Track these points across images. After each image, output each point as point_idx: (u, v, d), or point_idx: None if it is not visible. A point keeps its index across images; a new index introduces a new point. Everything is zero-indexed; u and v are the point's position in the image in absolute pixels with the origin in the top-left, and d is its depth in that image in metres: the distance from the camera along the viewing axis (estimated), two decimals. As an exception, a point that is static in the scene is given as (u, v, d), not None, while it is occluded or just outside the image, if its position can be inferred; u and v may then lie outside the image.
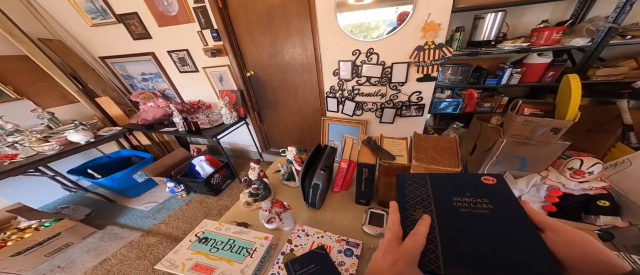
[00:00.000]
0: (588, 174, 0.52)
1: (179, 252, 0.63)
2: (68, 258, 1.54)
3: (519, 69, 1.42)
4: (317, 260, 0.58)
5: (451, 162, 0.59)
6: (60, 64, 1.96)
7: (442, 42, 1.21)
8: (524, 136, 1.15)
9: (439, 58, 1.23)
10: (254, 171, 0.91)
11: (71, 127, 1.78)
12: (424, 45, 1.23)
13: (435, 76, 1.33)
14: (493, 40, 1.36)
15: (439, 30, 1.17)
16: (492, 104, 1.76)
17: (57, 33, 1.97)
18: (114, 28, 1.84)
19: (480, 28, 1.35)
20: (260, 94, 2.12)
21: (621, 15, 1.01)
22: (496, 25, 1.30)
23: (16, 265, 1.38)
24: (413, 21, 1.21)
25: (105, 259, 1.51)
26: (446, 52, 1.20)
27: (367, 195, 0.83)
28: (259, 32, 1.70)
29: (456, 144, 0.65)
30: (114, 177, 1.87)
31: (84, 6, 1.77)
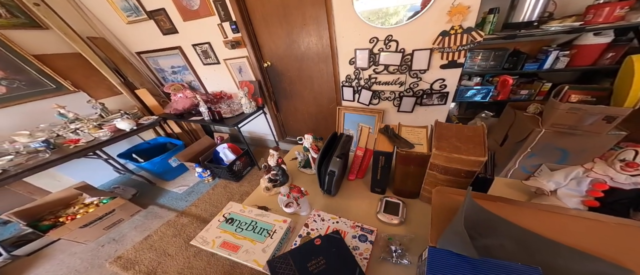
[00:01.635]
0: None
1: (209, 230, 0.71)
2: (120, 232, 1.76)
3: (568, 52, 1.23)
4: (325, 252, 0.59)
5: (477, 151, 0.56)
6: (105, 60, 2.19)
7: (471, 26, 1.09)
8: (567, 125, 1.02)
9: (467, 43, 1.11)
10: (273, 158, 0.95)
11: (118, 116, 2.02)
12: (450, 29, 1.12)
13: (461, 62, 1.21)
14: (536, 21, 1.18)
15: (468, 13, 1.05)
16: (531, 91, 1.57)
17: (100, 31, 2.20)
18: (146, 24, 1.99)
19: (520, 8, 1.18)
20: (277, 84, 2.16)
21: None
22: (541, 3, 1.13)
23: (84, 235, 1.63)
24: (438, 5, 1.11)
25: (149, 235, 1.69)
26: (476, 36, 1.08)
27: (382, 183, 0.83)
28: (275, 23, 1.71)
29: (483, 132, 0.61)
30: (154, 161, 2.11)
31: (119, 5, 1.93)
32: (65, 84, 2.01)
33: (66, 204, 1.76)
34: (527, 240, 0.42)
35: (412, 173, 0.73)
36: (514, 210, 0.50)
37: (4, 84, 1.74)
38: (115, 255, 1.57)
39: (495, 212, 0.49)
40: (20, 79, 1.79)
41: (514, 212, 0.49)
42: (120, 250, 1.61)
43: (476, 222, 0.47)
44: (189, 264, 1.45)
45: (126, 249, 1.60)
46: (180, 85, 2.24)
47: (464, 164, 0.57)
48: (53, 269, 1.54)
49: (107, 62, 2.20)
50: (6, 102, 1.76)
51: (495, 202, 0.53)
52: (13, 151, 1.58)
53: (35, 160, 1.51)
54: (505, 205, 0.51)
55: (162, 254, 1.54)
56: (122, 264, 1.49)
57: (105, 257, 1.57)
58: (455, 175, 0.62)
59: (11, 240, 1.63)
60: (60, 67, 1.97)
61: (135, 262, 1.49)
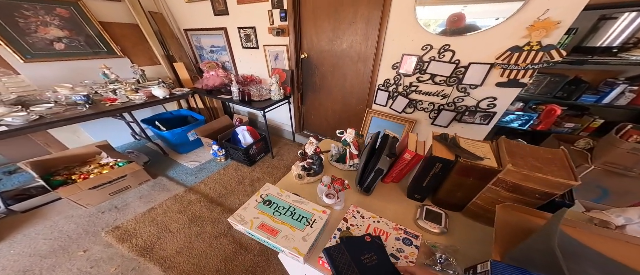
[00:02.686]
0: None
1: (247, 209, 0.68)
2: (124, 200, 1.68)
3: (637, 88, 1.14)
4: (376, 251, 0.56)
5: (565, 174, 0.51)
6: (157, 33, 2.33)
7: (553, 44, 0.99)
8: (623, 166, 0.94)
9: (540, 62, 1.03)
10: (312, 146, 0.93)
11: (155, 83, 2.09)
12: (524, 45, 1.04)
13: (524, 82, 1.12)
14: (617, 48, 1.09)
15: (556, 29, 0.95)
16: (578, 125, 1.48)
17: (161, 7, 2.35)
18: (203, 5, 2.09)
19: (605, 31, 1.09)
20: (308, 76, 2.15)
21: None
22: (632, 28, 1.03)
23: (88, 198, 1.55)
24: (518, 18, 1.02)
25: (153, 207, 1.61)
26: (555, 55, 0.98)
27: (425, 191, 0.78)
28: (323, 16, 1.70)
29: (567, 156, 0.56)
30: (175, 131, 2.13)
31: None
32: (116, 49, 2.15)
33: (83, 161, 1.73)
34: (617, 270, 0.38)
35: (467, 185, 0.68)
36: (596, 238, 0.45)
37: (65, 42, 1.88)
38: (114, 224, 1.48)
39: (589, 242, 0.44)
40: (80, 40, 1.95)
41: (595, 241, 0.45)
42: (120, 219, 1.53)
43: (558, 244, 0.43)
44: (190, 243, 1.38)
45: (127, 219, 1.52)
46: (216, 64, 2.29)
47: (547, 185, 0.52)
48: (44, 232, 1.44)
49: (158, 35, 2.33)
50: (61, 57, 1.88)
51: (575, 228, 0.48)
52: (53, 101, 1.63)
53: (73, 112, 1.55)
54: (586, 232, 0.46)
55: (163, 230, 1.46)
56: (119, 235, 1.41)
57: (102, 225, 1.48)
58: (526, 196, 0.57)
59: (13, 193, 1.53)
60: (116, 34, 2.13)
61: (133, 235, 1.41)
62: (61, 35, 1.85)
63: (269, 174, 2.11)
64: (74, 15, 1.88)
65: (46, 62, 1.82)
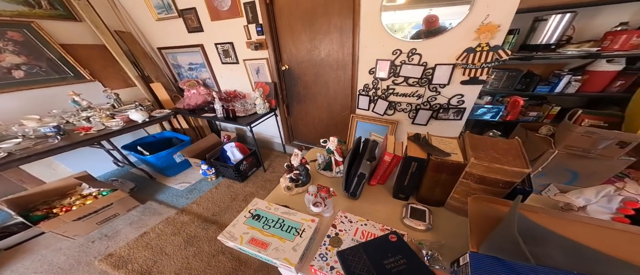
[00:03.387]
0: None
1: (236, 225, 0.69)
2: (114, 228, 1.66)
3: (580, 77, 1.30)
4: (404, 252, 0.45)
5: (519, 163, 0.57)
6: (127, 53, 2.25)
7: (499, 44, 1.14)
8: (581, 148, 1.05)
9: (491, 60, 1.16)
10: (297, 157, 0.96)
11: (132, 107, 2.01)
12: (476, 47, 1.17)
13: (483, 79, 1.26)
14: (553, 44, 1.25)
15: (497, 31, 1.10)
16: (540, 113, 1.63)
17: (128, 26, 2.27)
18: (174, 22, 2.06)
19: (540, 30, 1.25)
20: (291, 87, 2.20)
21: None
22: (561, 27, 1.20)
23: (74, 229, 1.53)
24: (466, 22, 1.16)
25: (145, 232, 1.60)
26: (502, 54, 1.12)
27: (408, 190, 0.83)
28: (299, 28, 1.76)
29: (519, 145, 0.63)
30: (159, 155, 2.07)
31: (153, 2, 2.01)
32: (83, 73, 2.04)
33: (62, 193, 1.67)
34: (579, 251, 0.43)
35: (442, 181, 0.74)
36: (556, 221, 0.50)
37: (24, 68, 1.75)
38: (106, 252, 1.47)
39: (547, 224, 0.49)
40: (41, 66, 1.82)
41: (557, 224, 0.49)
42: (112, 247, 1.51)
43: (520, 230, 0.47)
44: (187, 264, 1.37)
45: (119, 246, 1.51)
46: (196, 81, 2.27)
47: (506, 174, 0.58)
48: (33, 266, 1.41)
49: (128, 55, 2.25)
50: (21, 86, 1.76)
51: (536, 213, 0.53)
52: (21, 135, 1.54)
53: (44, 145, 1.47)
54: (547, 216, 0.52)
55: (158, 253, 1.46)
56: (113, 262, 1.39)
57: (94, 254, 1.47)
58: (492, 185, 0.63)
59: (-7, 231, 1.47)
60: (81, 57, 2.02)
61: (128, 261, 1.40)
62: (18, 62, 1.71)
63: (262, 187, 2.10)
64: (29, 38, 1.73)
65: (6, 93, 1.70)
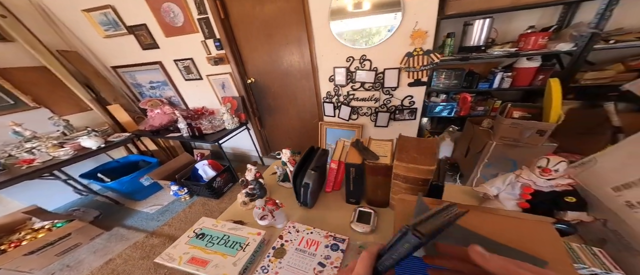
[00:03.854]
0: (554, 172, 0.56)
1: (177, 247, 0.69)
2: (76, 258, 1.61)
3: (510, 73, 1.46)
4: None
5: (428, 161, 0.63)
6: (76, 74, 2.09)
7: (430, 49, 1.26)
8: (512, 138, 1.18)
9: (427, 64, 1.28)
10: (250, 172, 0.97)
11: (84, 133, 1.90)
12: (413, 51, 1.29)
13: (425, 81, 1.38)
14: (483, 46, 1.40)
15: (426, 37, 1.23)
16: (486, 107, 1.79)
17: (73, 44, 2.12)
18: (125, 39, 1.98)
19: (470, 34, 1.40)
20: (260, 99, 2.21)
21: (602, 21, 1.04)
22: (485, 31, 1.35)
23: (29, 264, 1.46)
24: (402, 28, 1.27)
25: (111, 259, 1.57)
26: (434, 57, 1.25)
27: (356, 194, 0.87)
28: (258, 41, 1.80)
29: (436, 144, 0.70)
30: (122, 180, 1.96)
31: (98, 18, 1.91)
32: (24, 100, 1.87)
33: (10, 229, 1.56)
34: (469, 239, 0.49)
35: (380, 183, 0.79)
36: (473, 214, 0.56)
37: None
38: None
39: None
40: None
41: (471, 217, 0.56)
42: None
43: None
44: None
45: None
46: (159, 101, 2.19)
47: (420, 172, 0.64)
48: None
49: (77, 76, 2.11)
50: None
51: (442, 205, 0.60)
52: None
53: (-21, 183, 1.35)
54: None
55: None
56: None
57: None
58: (414, 184, 0.69)
59: None
60: (20, 81, 1.84)
61: None
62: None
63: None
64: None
65: None
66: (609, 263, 0.46)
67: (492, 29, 1.37)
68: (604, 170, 0.58)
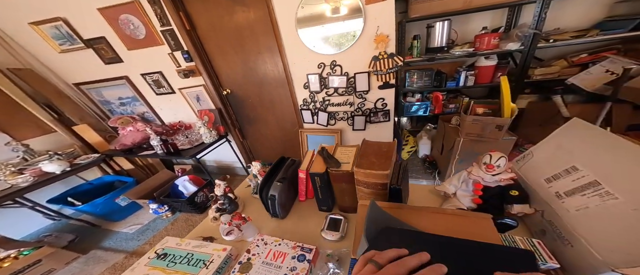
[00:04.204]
0: (497, 167, 0.60)
1: (135, 269, 0.66)
2: None
3: (472, 72, 1.54)
4: None
5: (382, 166, 0.65)
6: (33, 94, 1.94)
7: (393, 52, 1.31)
8: (476, 134, 1.24)
9: (393, 66, 1.33)
10: (219, 187, 0.95)
11: (45, 158, 1.77)
12: (379, 55, 1.33)
13: (393, 83, 1.42)
14: (445, 46, 1.48)
15: (388, 41, 1.27)
16: (456, 105, 1.87)
17: (26, 61, 1.95)
18: (84, 53, 1.86)
19: (433, 35, 1.47)
20: (239, 110, 2.18)
21: (539, 22, 1.14)
22: (445, 32, 1.43)
23: None
24: (366, 34, 1.31)
25: None
26: (397, 60, 1.30)
27: (326, 202, 0.88)
28: (230, 52, 1.78)
29: (394, 147, 0.72)
30: (95, 203, 1.87)
31: (50, 32, 1.77)
32: None
33: None
34: (418, 239, 0.51)
35: (346, 190, 0.80)
36: (413, 213, 0.59)
37: None
38: None
39: (402, 217, 0.57)
40: None
41: (414, 215, 0.58)
42: None
43: (381, 226, 0.55)
44: None
45: None
46: (130, 118, 2.10)
47: (376, 177, 0.66)
48: None
49: (36, 96, 1.96)
50: None
51: (402, 209, 0.62)
52: None
53: None
54: (406, 210, 0.60)
55: None
56: None
57: None
58: (375, 188, 0.70)
59: None
60: None
61: None
62: None
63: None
64: None
65: None
66: (546, 253, 0.49)
67: (452, 31, 1.45)
68: (538, 163, 0.63)
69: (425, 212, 0.59)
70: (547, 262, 0.48)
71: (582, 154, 0.54)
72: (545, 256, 0.49)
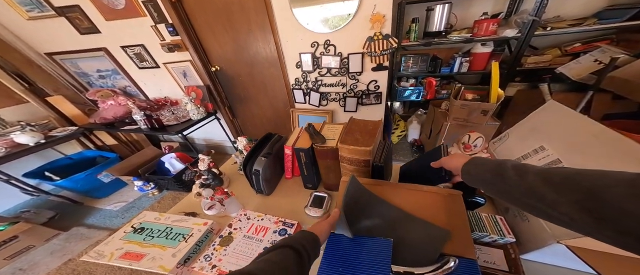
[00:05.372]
0: (474, 147, 0.60)
1: (110, 243, 0.65)
2: (30, 260, 1.52)
3: (468, 58, 1.52)
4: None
5: (367, 142, 0.65)
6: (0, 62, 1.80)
7: (389, 33, 1.26)
8: (462, 118, 1.25)
9: (387, 48, 1.28)
10: (203, 163, 0.93)
11: (17, 128, 1.67)
12: (374, 36, 1.28)
13: (386, 66, 1.38)
14: (443, 31, 1.43)
15: (384, 21, 1.22)
16: (449, 91, 1.87)
17: None
18: (56, 21, 1.70)
19: (432, 19, 1.42)
20: (229, 89, 2.10)
21: (540, 9, 1.11)
22: (445, 16, 1.37)
23: None
24: (361, 12, 1.25)
25: (70, 259, 1.49)
26: (392, 42, 1.25)
27: (311, 179, 0.88)
28: (219, 28, 1.66)
29: (379, 126, 0.71)
30: (74, 178, 1.80)
31: None
32: None
33: None
34: (392, 216, 0.53)
35: (331, 166, 0.80)
36: (391, 189, 0.60)
37: None
38: None
39: (380, 193, 0.59)
40: None
41: (392, 192, 0.59)
42: None
43: (364, 205, 0.56)
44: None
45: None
46: (110, 91, 1.97)
47: (359, 153, 0.66)
48: None
49: (3, 64, 1.81)
50: None
51: (381, 186, 0.63)
52: None
53: None
54: (386, 187, 0.61)
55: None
56: None
57: None
58: (358, 165, 0.70)
59: None
60: None
61: None
62: None
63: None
64: None
65: None
66: (505, 229, 0.52)
67: (452, 15, 1.39)
68: (512, 144, 0.64)
69: (403, 189, 0.60)
70: (506, 236, 0.51)
71: (551, 134, 0.55)
72: (505, 231, 0.52)
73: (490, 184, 0.37)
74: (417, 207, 0.54)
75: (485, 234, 0.52)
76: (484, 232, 0.52)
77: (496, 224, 0.53)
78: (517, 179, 0.32)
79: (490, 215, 0.55)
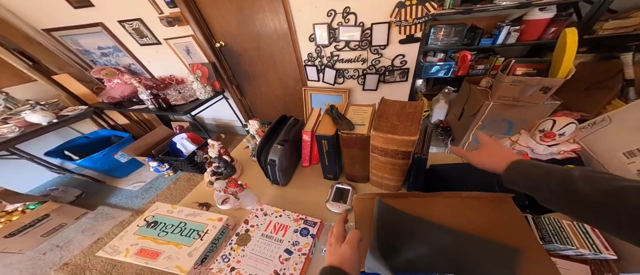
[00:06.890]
0: (559, 136, 0.45)
1: (124, 238, 0.61)
2: (65, 237, 1.62)
3: (518, 27, 1.25)
4: None
5: (410, 130, 0.51)
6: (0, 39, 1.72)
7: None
8: (511, 97, 1.06)
9: (422, 16, 1.05)
10: (213, 148, 0.85)
11: (27, 107, 1.65)
12: (405, 1, 1.04)
13: (418, 37, 1.15)
14: None
15: None
16: (487, 66, 1.61)
17: None
18: None
19: None
20: (235, 66, 1.95)
21: None
22: None
23: (16, 245, 1.47)
24: None
25: (100, 238, 1.57)
26: (430, 7, 1.01)
27: (333, 169, 0.78)
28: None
29: (421, 109, 0.57)
30: (93, 158, 1.83)
31: None
32: None
33: None
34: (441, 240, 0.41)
35: (358, 157, 0.69)
36: (425, 202, 0.49)
37: None
38: (61, 262, 1.44)
39: (411, 209, 0.47)
40: None
41: (424, 205, 0.48)
42: (66, 256, 1.49)
43: (395, 229, 0.45)
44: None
45: (73, 254, 1.48)
46: (115, 69, 1.88)
47: (399, 144, 0.53)
48: None
49: (4, 41, 1.74)
50: None
51: (407, 199, 0.51)
52: None
53: None
54: (415, 199, 0.50)
55: None
56: (70, 270, 1.39)
57: (49, 265, 1.44)
58: (394, 157, 0.58)
59: None
60: None
61: (85, 268, 1.39)
62: None
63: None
64: None
65: None
66: (601, 243, 0.40)
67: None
68: (617, 132, 0.48)
69: (438, 199, 0.48)
70: (602, 252, 0.39)
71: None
72: (600, 245, 0.40)
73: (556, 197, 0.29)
74: (463, 221, 0.42)
75: (568, 246, 0.40)
76: (568, 245, 0.40)
77: (587, 236, 0.40)
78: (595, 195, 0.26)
79: (573, 223, 0.43)
